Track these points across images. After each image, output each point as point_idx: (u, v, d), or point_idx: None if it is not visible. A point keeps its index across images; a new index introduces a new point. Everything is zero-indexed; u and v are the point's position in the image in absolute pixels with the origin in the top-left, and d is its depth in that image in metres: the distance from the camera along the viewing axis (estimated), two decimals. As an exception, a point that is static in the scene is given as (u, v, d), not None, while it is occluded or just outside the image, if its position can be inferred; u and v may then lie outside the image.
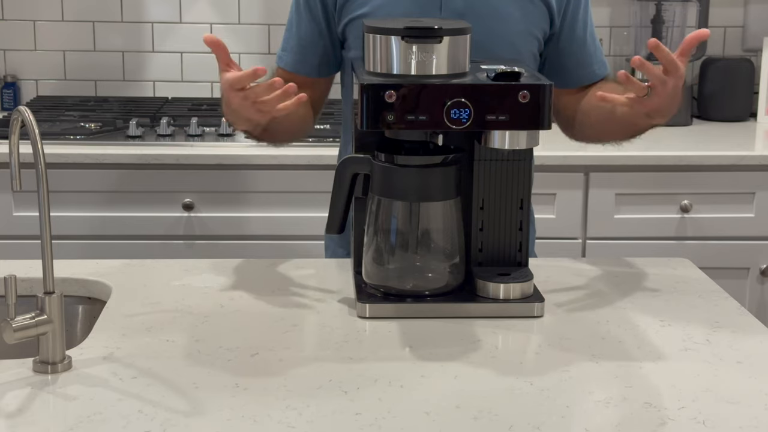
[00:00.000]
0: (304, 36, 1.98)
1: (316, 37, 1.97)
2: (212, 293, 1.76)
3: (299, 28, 1.98)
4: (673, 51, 1.67)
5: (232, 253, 2.85)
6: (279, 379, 1.42)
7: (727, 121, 3.43)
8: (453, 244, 1.69)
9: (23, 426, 1.29)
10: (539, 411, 1.34)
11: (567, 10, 1.95)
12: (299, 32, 1.98)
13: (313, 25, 1.96)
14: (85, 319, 1.79)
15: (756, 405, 1.36)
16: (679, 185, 2.96)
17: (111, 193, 2.88)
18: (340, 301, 1.72)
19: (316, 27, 1.97)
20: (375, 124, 1.60)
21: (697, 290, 1.81)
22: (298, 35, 1.99)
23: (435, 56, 1.62)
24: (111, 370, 1.44)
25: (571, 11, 1.95)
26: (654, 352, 1.54)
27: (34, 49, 3.45)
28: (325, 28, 1.96)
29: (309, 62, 1.99)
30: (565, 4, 1.94)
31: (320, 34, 1.97)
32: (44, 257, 1.43)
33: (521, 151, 1.72)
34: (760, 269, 3.00)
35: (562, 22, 1.95)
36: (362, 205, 1.73)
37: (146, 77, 3.48)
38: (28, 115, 1.41)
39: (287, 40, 2.01)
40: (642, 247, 2.94)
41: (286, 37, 2.02)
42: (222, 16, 3.45)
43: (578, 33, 1.97)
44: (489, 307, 1.67)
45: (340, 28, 1.95)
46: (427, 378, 1.44)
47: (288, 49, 2.01)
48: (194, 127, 2.99)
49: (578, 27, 1.97)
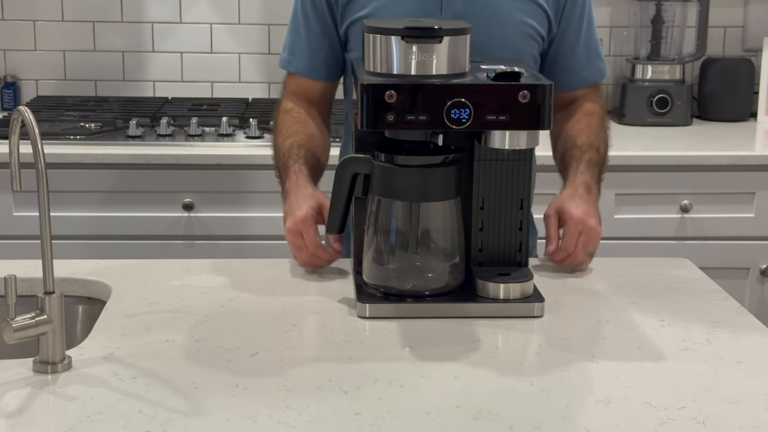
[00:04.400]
0: (313, 39, 1.98)
1: (325, 39, 1.97)
2: (212, 293, 1.76)
3: (308, 31, 1.98)
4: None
5: (232, 253, 2.85)
6: (279, 379, 1.42)
7: (727, 121, 3.43)
8: (453, 244, 1.69)
9: (23, 426, 1.29)
10: (539, 411, 1.34)
11: (563, 14, 1.95)
12: (308, 35, 1.98)
13: (321, 27, 1.96)
14: (85, 319, 1.79)
15: (756, 405, 1.36)
16: (679, 185, 2.95)
17: (111, 193, 2.88)
18: (340, 301, 1.72)
19: (323, 29, 1.97)
20: (375, 124, 1.60)
21: (697, 290, 1.81)
22: (307, 38, 1.98)
23: (435, 56, 1.62)
24: (111, 370, 1.44)
25: (566, 14, 1.95)
26: (654, 352, 1.54)
27: (34, 49, 3.45)
28: (333, 29, 1.96)
29: (319, 66, 2.00)
30: (562, 7, 1.94)
31: (328, 36, 1.97)
32: (44, 257, 1.43)
33: (521, 151, 1.72)
34: (760, 269, 3.00)
35: (558, 25, 1.96)
36: (362, 205, 1.73)
37: (146, 77, 3.48)
38: (28, 115, 1.41)
39: (295, 44, 2.01)
40: (642, 247, 2.94)
41: (292, 40, 2.02)
42: (222, 16, 3.45)
43: (570, 37, 1.97)
44: (489, 307, 1.67)
45: (342, 30, 1.95)
46: (427, 378, 1.44)
47: (297, 53, 2.01)
48: (194, 127, 2.99)
49: (570, 31, 1.97)
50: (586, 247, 1.84)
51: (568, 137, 1.97)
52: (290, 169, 1.90)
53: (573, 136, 1.96)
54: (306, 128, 1.97)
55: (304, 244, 1.81)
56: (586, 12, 1.98)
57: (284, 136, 1.97)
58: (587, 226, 1.82)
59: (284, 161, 1.93)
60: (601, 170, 1.95)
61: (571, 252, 1.83)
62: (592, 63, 2.01)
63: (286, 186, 1.90)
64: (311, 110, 2.01)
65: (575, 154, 1.93)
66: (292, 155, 1.92)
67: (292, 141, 1.95)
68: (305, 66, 2.00)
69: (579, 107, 2.00)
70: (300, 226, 1.80)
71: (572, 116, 1.99)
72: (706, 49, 3.43)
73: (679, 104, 3.33)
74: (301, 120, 1.98)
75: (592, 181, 1.90)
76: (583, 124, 1.97)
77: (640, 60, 3.41)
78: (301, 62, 2.00)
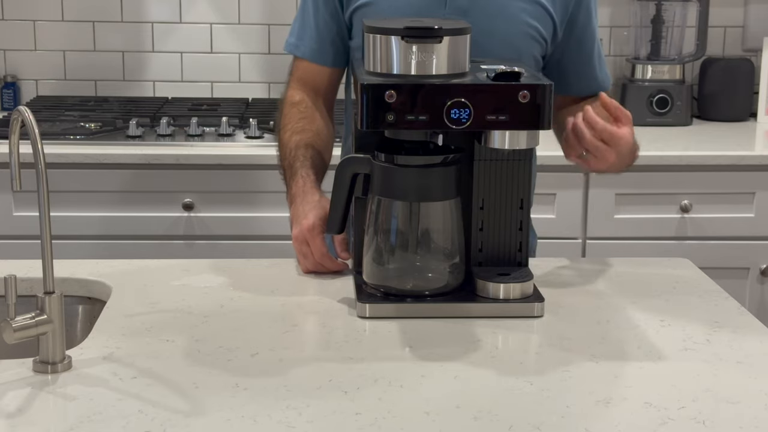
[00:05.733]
0: (321, 23, 1.97)
1: (333, 23, 1.97)
2: (212, 293, 1.76)
3: (317, 15, 1.97)
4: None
5: (232, 253, 2.85)
6: (279, 379, 1.42)
7: (727, 121, 3.42)
8: (453, 244, 1.69)
9: (23, 426, 1.29)
10: (539, 411, 1.34)
11: (570, 19, 1.94)
12: (317, 19, 1.97)
13: (330, 11, 1.96)
14: (85, 319, 1.79)
15: (756, 405, 1.36)
16: (679, 185, 2.95)
17: (111, 193, 2.88)
18: (340, 301, 1.72)
19: (332, 14, 1.96)
20: (375, 124, 1.60)
21: (697, 290, 1.81)
22: (315, 23, 1.98)
23: (435, 56, 1.62)
24: (111, 370, 1.44)
25: (575, 20, 1.95)
26: (654, 352, 1.54)
27: (34, 49, 3.45)
28: (340, 15, 1.96)
29: (326, 51, 1.99)
30: (569, 13, 1.94)
31: (336, 21, 1.97)
32: (44, 257, 1.43)
33: (521, 151, 1.72)
34: (760, 269, 3.00)
35: (570, 32, 1.95)
36: (362, 205, 1.73)
37: (146, 77, 3.48)
38: (28, 115, 1.41)
39: (303, 29, 2.01)
40: (642, 247, 2.94)
41: (299, 25, 2.01)
42: (222, 16, 3.45)
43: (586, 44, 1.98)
44: (489, 307, 1.67)
45: (347, 15, 1.95)
46: (427, 378, 1.44)
47: (305, 38, 2.00)
48: (194, 127, 2.99)
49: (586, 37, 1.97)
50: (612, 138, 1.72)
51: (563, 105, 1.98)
52: (297, 173, 1.90)
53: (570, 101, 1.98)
54: (312, 124, 1.97)
55: (310, 252, 1.82)
56: (593, 18, 1.98)
57: (290, 132, 1.96)
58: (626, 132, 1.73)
59: (290, 162, 1.93)
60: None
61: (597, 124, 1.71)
62: (602, 69, 2.03)
63: (292, 190, 1.90)
64: (317, 101, 2.01)
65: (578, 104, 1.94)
66: (299, 156, 1.92)
67: (299, 139, 1.94)
68: (313, 50, 2.00)
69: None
70: (306, 235, 1.81)
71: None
72: (706, 49, 3.43)
73: (679, 104, 3.33)
74: (308, 115, 1.98)
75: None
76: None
77: (640, 60, 3.41)
78: (308, 46, 2.00)
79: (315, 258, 1.82)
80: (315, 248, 1.81)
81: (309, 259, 1.83)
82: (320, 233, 1.81)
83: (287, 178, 1.94)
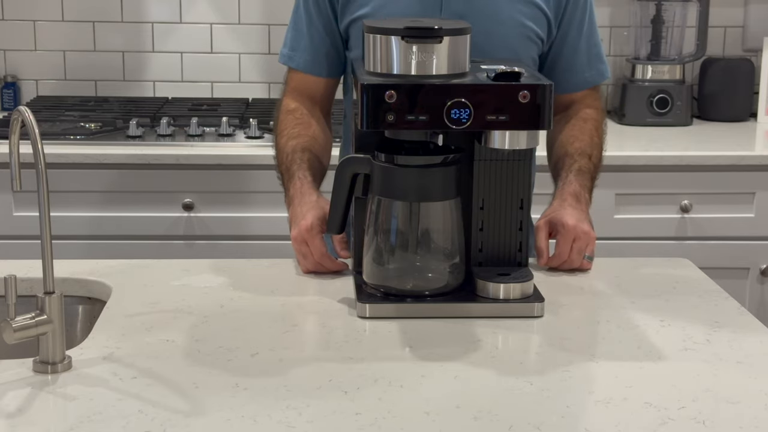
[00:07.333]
0: (315, 35, 1.97)
1: (327, 35, 1.97)
2: (212, 293, 1.76)
3: (310, 26, 1.98)
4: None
5: (232, 253, 2.85)
6: (279, 379, 1.42)
7: (727, 121, 3.42)
8: (453, 244, 1.69)
9: (23, 426, 1.29)
10: (539, 411, 1.34)
11: (564, 15, 1.95)
12: (310, 31, 1.98)
13: (323, 23, 1.96)
14: (85, 319, 1.79)
15: (756, 405, 1.36)
16: (679, 185, 2.95)
17: (111, 193, 2.88)
18: (340, 301, 1.72)
19: (326, 25, 1.96)
20: (375, 124, 1.60)
21: (697, 290, 1.81)
22: (309, 34, 1.98)
23: (435, 56, 1.62)
24: (111, 370, 1.44)
25: (567, 16, 1.95)
26: (654, 352, 1.54)
27: (34, 49, 3.45)
28: (334, 26, 1.96)
29: (321, 62, 2.00)
30: (563, 9, 1.94)
31: (330, 33, 1.97)
32: (44, 257, 1.43)
33: (521, 151, 1.72)
34: (760, 269, 3.00)
35: (558, 27, 1.95)
36: (362, 205, 1.73)
37: (146, 77, 3.48)
38: (28, 115, 1.41)
39: (296, 40, 2.01)
40: (642, 247, 2.94)
41: (292, 36, 2.02)
42: (222, 16, 3.45)
43: (571, 38, 1.97)
44: (489, 307, 1.67)
45: (343, 27, 1.95)
46: (427, 378, 1.44)
47: (299, 49, 2.00)
48: (194, 127, 2.99)
49: (572, 32, 1.97)
50: (582, 251, 1.84)
51: (561, 145, 1.98)
52: (294, 175, 1.90)
53: (565, 143, 1.96)
54: (308, 130, 1.98)
55: (309, 252, 1.82)
56: (587, 14, 1.98)
57: (287, 138, 1.97)
58: (580, 230, 1.82)
59: (287, 165, 1.93)
60: (593, 176, 1.95)
61: (565, 259, 1.84)
62: (593, 65, 2.01)
63: (290, 192, 1.90)
64: (314, 109, 2.01)
65: (566, 162, 1.94)
66: (295, 159, 1.92)
67: (295, 143, 1.95)
68: (307, 62, 2.00)
69: (576, 112, 2.00)
70: (305, 235, 1.81)
71: (567, 122, 1.99)
72: (706, 49, 3.43)
73: (679, 104, 3.33)
74: (304, 121, 1.98)
75: (582, 189, 1.90)
76: (576, 130, 1.98)
77: (640, 60, 3.41)
78: (302, 58, 2.00)
79: (314, 258, 1.82)
80: (314, 248, 1.81)
81: (309, 260, 1.83)
82: (319, 233, 1.81)
83: (285, 181, 1.94)
